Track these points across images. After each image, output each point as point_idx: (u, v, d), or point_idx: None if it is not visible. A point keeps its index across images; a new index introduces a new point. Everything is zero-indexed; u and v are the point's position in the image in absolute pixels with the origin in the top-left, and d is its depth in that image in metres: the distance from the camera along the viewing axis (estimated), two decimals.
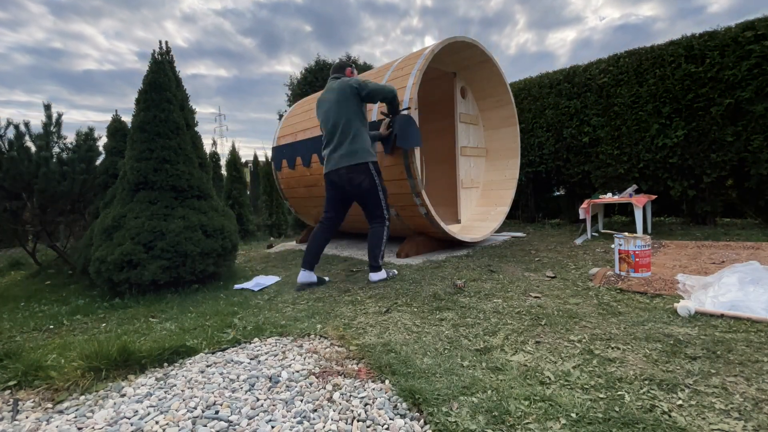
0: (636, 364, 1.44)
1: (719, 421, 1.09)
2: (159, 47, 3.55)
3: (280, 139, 5.25)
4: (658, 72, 4.52)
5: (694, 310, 1.85)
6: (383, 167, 3.60)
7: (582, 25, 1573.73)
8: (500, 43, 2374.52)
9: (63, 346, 1.90)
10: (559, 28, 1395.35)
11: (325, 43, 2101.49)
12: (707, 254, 3.05)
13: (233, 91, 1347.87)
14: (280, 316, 2.28)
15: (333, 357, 1.67)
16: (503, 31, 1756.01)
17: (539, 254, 3.52)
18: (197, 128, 3.90)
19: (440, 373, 1.45)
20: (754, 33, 3.92)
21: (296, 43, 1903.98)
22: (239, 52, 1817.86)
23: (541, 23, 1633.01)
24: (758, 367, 1.36)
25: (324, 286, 2.95)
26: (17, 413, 1.37)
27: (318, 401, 1.34)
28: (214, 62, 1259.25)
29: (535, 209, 6.14)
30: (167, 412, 1.31)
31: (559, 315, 1.98)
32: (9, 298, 3.31)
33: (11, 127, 4.02)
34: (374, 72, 4.27)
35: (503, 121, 4.71)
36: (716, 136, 4.21)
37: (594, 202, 4.28)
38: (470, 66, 4.41)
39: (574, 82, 5.30)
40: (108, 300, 2.91)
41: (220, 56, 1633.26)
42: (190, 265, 3.02)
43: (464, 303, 2.26)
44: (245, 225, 6.74)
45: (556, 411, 1.18)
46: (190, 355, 1.78)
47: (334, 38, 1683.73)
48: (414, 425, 1.18)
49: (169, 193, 3.12)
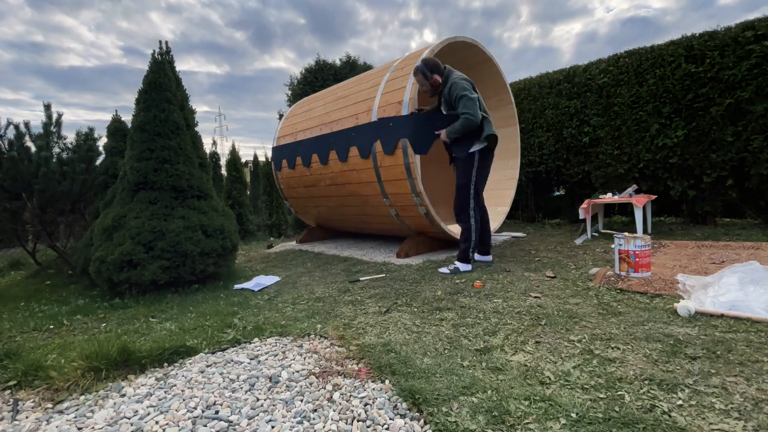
0: (636, 364, 1.44)
1: (719, 421, 1.09)
2: (159, 47, 3.54)
3: (280, 139, 5.25)
4: (658, 72, 4.51)
5: (694, 310, 1.85)
6: (383, 167, 3.60)
7: (588, 17, 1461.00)
8: (503, 37, 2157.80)
9: (63, 346, 1.91)
10: (565, 21, 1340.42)
11: (319, 36, 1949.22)
12: (707, 254, 3.05)
13: (226, 89, 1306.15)
14: (280, 316, 2.28)
15: (333, 357, 1.67)
16: (506, 23, 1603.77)
17: (539, 254, 3.52)
18: (197, 128, 3.89)
19: (440, 373, 1.45)
20: (754, 33, 3.92)
21: (289, 36, 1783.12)
22: (230, 47, 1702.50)
23: (545, 15, 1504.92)
24: (758, 367, 1.36)
25: (324, 286, 2.95)
26: (17, 413, 1.37)
27: (318, 401, 1.34)
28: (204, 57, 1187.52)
29: (535, 209, 6.14)
30: (167, 412, 1.31)
31: (559, 315, 1.98)
32: (9, 298, 3.31)
33: (11, 127, 4.02)
34: (374, 72, 4.27)
35: (503, 121, 4.71)
36: (716, 136, 4.21)
37: (594, 202, 4.28)
38: (470, 66, 4.40)
39: (574, 82, 5.30)
40: (108, 300, 2.91)
41: (209, 51, 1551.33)
42: (190, 265, 3.02)
43: (464, 303, 2.26)
44: (245, 225, 6.73)
45: (556, 411, 1.18)
46: (190, 355, 1.78)
47: (329, 31, 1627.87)
48: (414, 425, 1.18)
49: (169, 193, 3.12)
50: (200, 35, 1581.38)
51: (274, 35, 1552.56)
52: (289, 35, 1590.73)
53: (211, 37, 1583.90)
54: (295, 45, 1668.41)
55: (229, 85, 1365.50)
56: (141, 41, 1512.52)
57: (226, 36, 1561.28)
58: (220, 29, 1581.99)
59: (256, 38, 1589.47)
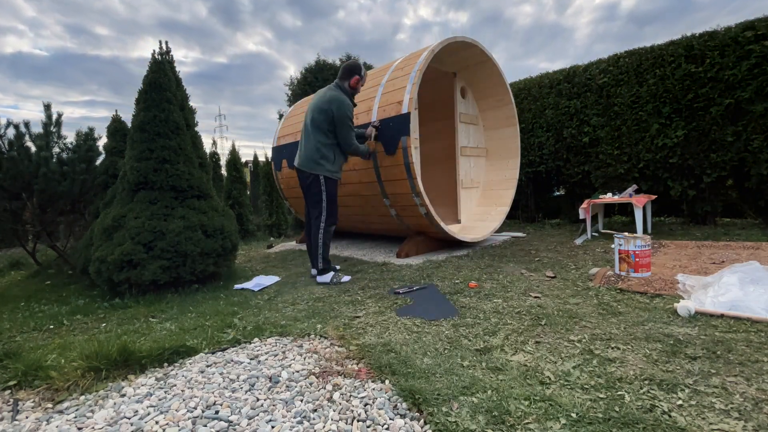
0: (636, 364, 1.44)
1: (719, 421, 1.09)
2: (159, 47, 3.56)
3: (280, 139, 5.25)
4: (658, 72, 4.52)
5: (694, 310, 1.85)
6: (383, 167, 3.60)
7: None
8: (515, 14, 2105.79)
9: (63, 346, 1.90)
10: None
11: (297, 11, 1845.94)
12: (707, 254, 3.05)
13: (200, 79, 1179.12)
14: (280, 316, 2.28)
15: (333, 357, 1.67)
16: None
17: (539, 254, 3.52)
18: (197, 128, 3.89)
19: (440, 373, 1.45)
20: (754, 33, 3.92)
21: (259, 12, 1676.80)
22: (196, 27, 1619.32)
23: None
24: (758, 367, 1.36)
25: (324, 285, 2.95)
26: (17, 413, 1.37)
27: (318, 401, 1.34)
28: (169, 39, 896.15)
29: (535, 209, 6.14)
30: (167, 412, 1.31)
31: (559, 315, 1.98)
32: (9, 298, 3.31)
33: (11, 127, 4.03)
34: (374, 72, 4.27)
35: (503, 121, 4.71)
36: (716, 136, 4.21)
37: (594, 202, 4.28)
38: (470, 66, 4.41)
39: (574, 82, 5.30)
40: (108, 300, 2.91)
41: (173, 31, 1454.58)
42: (190, 265, 3.02)
43: (464, 303, 2.26)
44: (245, 225, 6.73)
45: (556, 411, 1.18)
46: (190, 355, 1.78)
47: (307, 4, 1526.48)
48: (414, 425, 1.18)
49: (169, 193, 3.12)
50: (157, 11, 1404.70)
51: (241, 10, 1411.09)
52: (260, 10, 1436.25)
53: (171, 14, 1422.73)
54: (268, 20, 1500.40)
55: (203, 74, 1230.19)
56: (85, 14, 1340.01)
57: (189, 12, 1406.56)
58: (180, 3, 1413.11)
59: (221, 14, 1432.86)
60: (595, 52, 72.08)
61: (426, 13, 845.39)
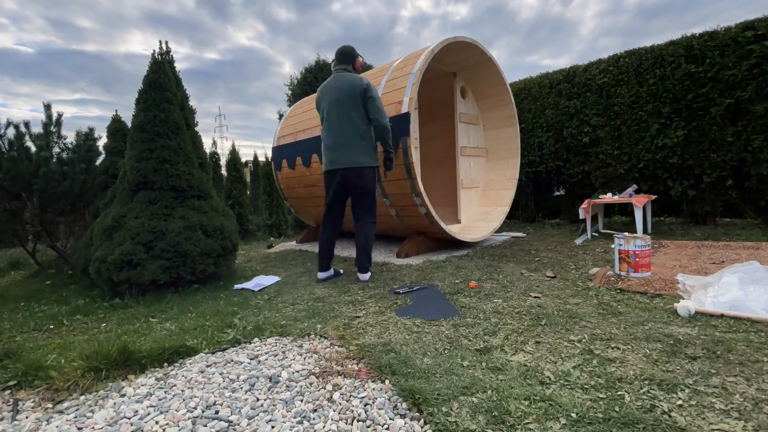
0: (636, 364, 1.44)
1: (719, 421, 1.09)
2: (159, 47, 3.56)
3: (280, 139, 5.25)
4: (658, 72, 4.52)
5: (694, 310, 1.85)
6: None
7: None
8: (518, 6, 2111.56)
9: (63, 346, 1.91)
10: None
11: (290, 2, 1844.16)
12: (707, 254, 3.05)
13: (193, 76, 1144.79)
14: (280, 316, 2.28)
15: (333, 357, 1.67)
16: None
17: (539, 254, 3.52)
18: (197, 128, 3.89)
19: (440, 373, 1.45)
20: (754, 33, 3.92)
21: (250, 3, 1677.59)
22: (184, 20, 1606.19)
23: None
24: (758, 367, 1.36)
25: (324, 286, 2.95)
26: (17, 413, 1.37)
27: (318, 401, 1.34)
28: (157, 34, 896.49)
29: (535, 209, 6.14)
30: (167, 412, 1.31)
31: (559, 315, 1.98)
32: (9, 298, 3.31)
33: (11, 127, 4.03)
34: (374, 72, 4.27)
35: (503, 121, 4.71)
36: (716, 136, 4.21)
37: (594, 202, 4.28)
38: (470, 66, 4.41)
39: (574, 82, 5.30)
40: (108, 300, 2.91)
41: (160, 24, 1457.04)
42: (190, 265, 3.02)
43: (464, 303, 2.27)
44: (245, 225, 6.73)
45: (556, 411, 1.18)
46: (190, 355, 1.78)
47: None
48: (414, 425, 1.18)
49: (169, 193, 3.12)
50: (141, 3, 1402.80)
51: (230, 2, 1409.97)
52: (250, 2, 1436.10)
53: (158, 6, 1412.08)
54: (258, 13, 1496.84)
55: (195, 71, 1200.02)
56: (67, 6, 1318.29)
57: (176, 2, 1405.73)
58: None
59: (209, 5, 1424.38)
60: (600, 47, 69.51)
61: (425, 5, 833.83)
